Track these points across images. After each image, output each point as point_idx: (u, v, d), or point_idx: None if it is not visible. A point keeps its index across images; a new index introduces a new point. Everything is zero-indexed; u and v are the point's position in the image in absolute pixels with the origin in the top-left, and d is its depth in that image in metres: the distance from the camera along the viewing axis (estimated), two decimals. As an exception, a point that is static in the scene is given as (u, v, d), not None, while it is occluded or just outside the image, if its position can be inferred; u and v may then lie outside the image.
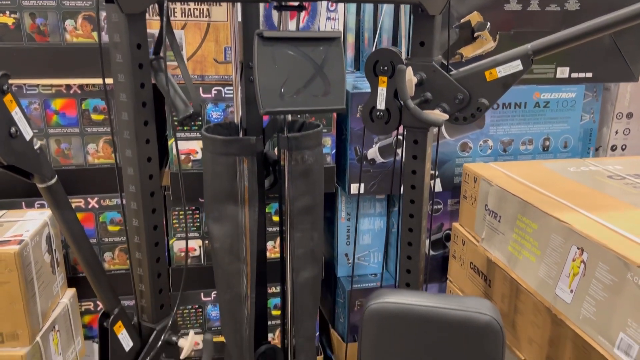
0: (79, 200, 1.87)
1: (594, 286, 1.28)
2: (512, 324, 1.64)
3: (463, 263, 1.94)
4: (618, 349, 1.19)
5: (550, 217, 1.45)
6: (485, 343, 0.98)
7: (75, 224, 0.96)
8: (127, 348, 1.11)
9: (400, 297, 1.03)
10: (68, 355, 1.67)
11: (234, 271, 1.46)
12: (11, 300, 1.39)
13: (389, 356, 1.04)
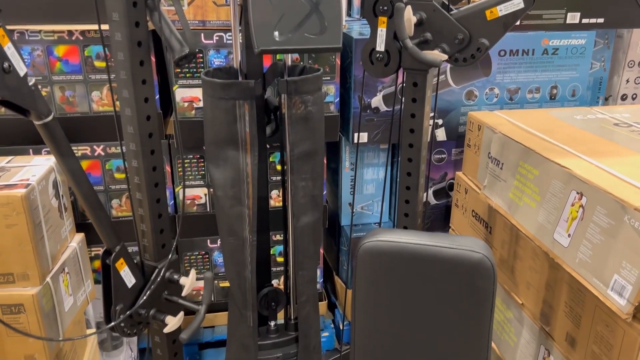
0: (85, 148, 1.89)
1: (591, 230, 1.29)
2: (511, 269, 1.66)
3: (465, 211, 1.95)
4: (612, 291, 1.21)
5: (552, 163, 1.44)
6: (476, 280, 1.00)
7: (73, 161, 0.97)
8: (129, 285, 1.15)
9: (394, 235, 1.05)
10: (78, 297, 1.73)
11: (236, 215, 1.48)
12: (20, 242, 1.43)
13: (382, 293, 1.06)
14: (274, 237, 2.20)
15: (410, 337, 1.09)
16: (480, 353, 1.07)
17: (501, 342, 1.74)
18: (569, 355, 1.39)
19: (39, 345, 1.50)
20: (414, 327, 1.08)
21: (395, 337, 1.10)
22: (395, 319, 1.08)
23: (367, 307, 1.10)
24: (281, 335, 1.67)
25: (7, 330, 1.48)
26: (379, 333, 1.11)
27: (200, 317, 1.14)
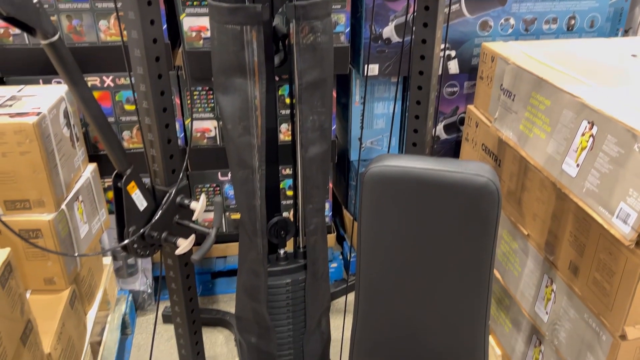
0: (95, 79, 1.89)
1: (600, 159, 1.28)
2: (518, 201, 1.67)
3: (475, 145, 1.95)
4: (617, 218, 1.22)
5: (564, 93, 1.42)
6: (481, 204, 1.01)
7: (82, 82, 0.98)
8: (141, 208, 1.18)
9: (399, 160, 1.05)
10: (93, 225, 1.78)
11: (244, 144, 1.49)
12: (34, 169, 1.46)
13: (387, 218, 1.08)
14: (284, 171, 2.22)
15: (414, 261, 1.11)
16: (483, 278, 1.09)
17: (506, 272, 1.77)
18: (571, 282, 1.42)
19: (57, 268, 1.57)
20: (418, 252, 1.10)
21: (399, 262, 1.12)
22: (400, 243, 1.11)
23: (372, 232, 1.12)
24: (290, 262, 1.72)
25: (26, 254, 1.54)
26: (384, 257, 1.13)
27: (210, 240, 1.17)
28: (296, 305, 1.73)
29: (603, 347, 1.31)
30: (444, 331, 1.17)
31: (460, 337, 1.17)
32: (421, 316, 1.17)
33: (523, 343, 1.69)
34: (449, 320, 1.15)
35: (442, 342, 1.18)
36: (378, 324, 1.21)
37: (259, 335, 1.73)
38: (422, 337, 1.18)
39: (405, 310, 1.17)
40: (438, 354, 1.19)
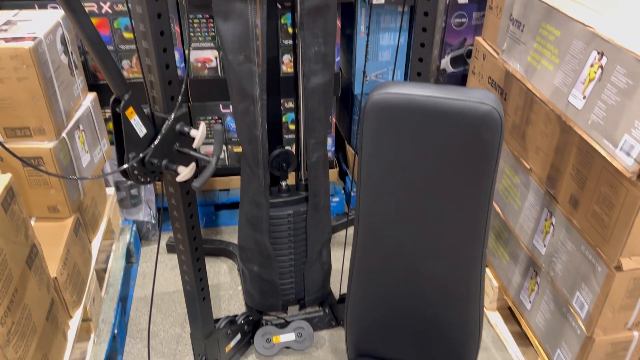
0: (92, 5, 1.84)
1: (607, 91, 1.26)
2: (522, 135, 1.65)
3: (482, 78, 1.91)
4: (620, 151, 1.21)
5: (575, 22, 1.37)
6: (484, 133, 1.00)
7: (78, 6, 0.94)
8: (141, 134, 1.17)
9: (402, 88, 1.03)
10: (95, 155, 1.78)
11: (245, 73, 1.46)
12: (33, 95, 1.44)
13: (388, 146, 1.07)
14: (286, 104, 2.19)
15: (414, 190, 1.11)
16: (482, 208, 1.09)
17: (506, 206, 1.78)
18: (571, 216, 1.43)
19: (61, 196, 1.58)
20: (418, 181, 1.10)
21: (398, 191, 1.12)
22: (400, 172, 1.10)
23: (372, 160, 1.11)
24: (292, 194, 1.73)
25: (29, 182, 1.55)
26: (383, 186, 1.13)
27: (211, 168, 1.17)
28: (297, 236, 1.76)
29: (598, 278, 1.33)
30: (442, 262, 1.18)
31: (458, 268, 1.18)
32: (419, 246, 1.18)
33: (520, 275, 1.73)
34: (447, 251, 1.17)
35: (439, 272, 1.19)
36: (377, 254, 1.23)
37: (261, 264, 1.77)
38: (420, 267, 1.20)
39: (403, 240, 1.18)
40: (435, 283, 1.21)
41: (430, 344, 1.29)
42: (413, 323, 1.28)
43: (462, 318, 1.23)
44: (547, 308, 1.58)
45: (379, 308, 1.29)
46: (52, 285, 1.38)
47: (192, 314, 1.53)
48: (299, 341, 1.81)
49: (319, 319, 1.89)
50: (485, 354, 1.80)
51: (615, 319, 1.35)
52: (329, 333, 1.89)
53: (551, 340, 1.56)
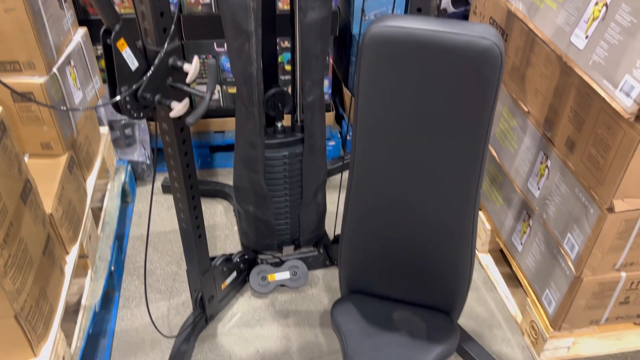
0: None
1: (611, 30, 1.23)
2: (521, 77, 1.63)
3: (483, 18, 1.86)
4: (620, 91, 1.19)
5: (582, -42, 1.32)
6: (483, 68, 0.98)
7: None
8: (132, 67, 1.14)
9: (402, 21, 1.00)
10: (87, 92, 1.75)
11: (240, 5, 1.42)
12: (21, 28, 1.40)
13: (386, 80, 1.05)
14: (282, 44, 2.14)
15: (410, 128, 1.10)
16: (478, 147, 1.08)
17: (502, 149, 1.78)
18: (566, 158, 1.43)
19: (53, 133, 1.56)
20: (415, 119, 1.08)
21: (395, 128, 1.11)
22: (397, 110, 1.09)
23: (369, 97, 1.09)
24: (287, 135, 1.72)
25: (21, 118, 1.53)
26: (380, 125, 1.12)
27: (205, 103, 1.15)
28: (293, 178, 1.76)
29: (590, 219, 1.34)
30: (436, 202, 1.18)
31: (452, 209, 1.19)
32: (414, 187, 1.18)
33: (512, 218, 1.74)
34: (442, 192, 1.17)
35: (433, 213, 1.20)
36: (372, 192, 1.23)
37: (256, 204, 1.78)
38: (414, 207, 1.21)
39: (398, 181, 1.18)
40: (429, 224, 1.22)
41: (421, 282, 1.31)
42: (405, 262, 1.30)
43: (454, 258, 1.25)
44: (538, 250, 1.60)
45: (372, 247, 1.31)
46: (47, 221, 1.39)
47: (188, 251, 1.54)
48: (293, 279, 1.84)
49: (313, 258, 1.92)
50: (475, 294, 1.84)
51: (604, 259, 1.37)
52: (323, 272, 1.92)
53: (540, 281, 1.59)
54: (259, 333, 1.69)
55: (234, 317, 1.75)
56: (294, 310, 1.78)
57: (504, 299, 1.81)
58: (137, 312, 1.74)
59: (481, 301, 1.81)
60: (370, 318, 1.31)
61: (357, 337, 1.26)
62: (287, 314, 1.76)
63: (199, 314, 1.66)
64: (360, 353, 1.22)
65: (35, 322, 1.24)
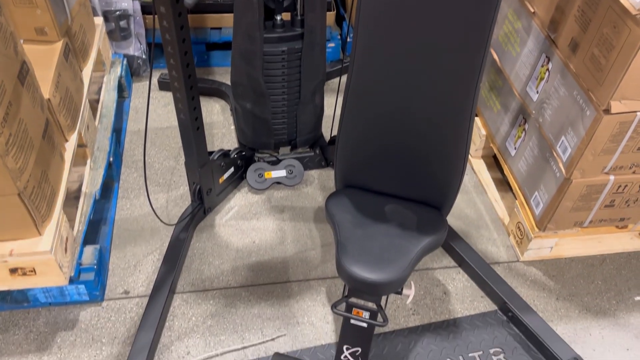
0: None
1: None
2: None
3: None
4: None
5: None
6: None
7: None
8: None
9: None
10: (81, -23, 1.69)
11: None
12: None
13: None
14: None
15: (412, 32, 1.08)
16: (479, 48, 1.07)
17: (504, 53, 1.76)
18: (568, 60, 1.42)
19: (47, 18, 1.52)
20: (417, 21, 1.06)
21: (397, 32, 1.09)
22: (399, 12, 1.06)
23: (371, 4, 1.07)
24: (287, 30, 1.68)
25: (14, 0, 1.48)
26: (382, 26, 1.10)
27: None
28: (291, 75, 1.74)
29: (585, 121, 1.36)
30: (433, 104, 1.18)
31: (448, 113, 1.19)
32: (413, 88, 1.17)
33: (508, 123, 1.76)
34: (440, 94, 1.16)
35: (430, 114, 1.21)
36: (368, 98, 1.23)
37: (254, 101, 1.77)
38: (411, 108, 1.21)
39: (398, 81, 1.17)
40: (425, 125, 1.23)
41: (414, 178, 1.34)
42: (400, 160, 1.32)
43: (447, 157, 1.27)
44: (531, 154, 1.63)
45: (368, 144, 1.32)
46: (45, 106, 1.39)
47: (186, 143, 1.56)
48: (289, 177, 1.88)
49: (309, 159, 1.94)
50: (465, 196, 1.89)
51: (595, 162, 1.40)
52: (319, 172, 1.96)
53: (530, 184, 1.64)
54: (255, 225, 1.75)
55: (232, 210, 1.80)
56: (289, 206, 1.83)
57: (493, 202, 1.86)
58: (137, 202, 1.78)
59: (471, 204, 1.87)
60: (363, 210, 1.35)
61: (349, 226, 1.31)
62: (282, 209, 1.82)
63: (197, 205, 1.71)
64: (352, 241, 1.27)
65: (39, 202, 1.28)
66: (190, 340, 1.45)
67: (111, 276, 1.59)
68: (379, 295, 1.26)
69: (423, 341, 1.49)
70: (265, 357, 1.43)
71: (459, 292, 1.61)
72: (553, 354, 1.43)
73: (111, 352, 1.42)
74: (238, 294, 1.57)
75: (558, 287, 1.64)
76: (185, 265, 1.63)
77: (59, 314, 1.49)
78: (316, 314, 1.53)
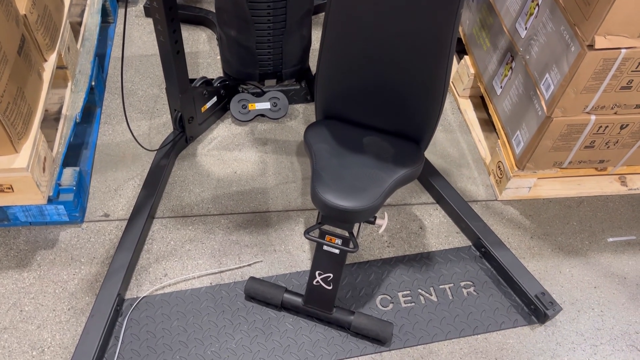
0: None
1: None
2: None
3: None
4: None
5: None
6: None
7: None
8: None
9: None
10: None
11: None
12: None
13: None
14: None
15: None
16: None
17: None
18: None
19: None
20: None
21: None
22: None
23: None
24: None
25: None
26: None
27: None
28: (277, 2, 1.70)
29: (569, 58, 1.34)
30: (412, 47, 1.17)
31: (427, 52, 1.17)
32: (390, 34, 1.16)
33: (497, 61, 1.73)
34: (418, 30, 1.14)
35: (408, 55, 1.19)
36: (347, 31, 1.21)
37: (238, 28, 1.74)
38: (389, 51, 1.20)
39: (375, 25, 1.15)
40: (403, 64, 1.21)
41: (393, 111, 1.34)
42: (379, 93, 1.31)
43: (426, 91, 1.26)
44: (515, 92, 1.61)
45: (347, 76, 1.31)
46: (21, 21, 1.36)
47: (166, 67, 1.54)
48: (273, 110, 1.87)
49: (294, 92, 1.93)
50: (449, 135, 1.89)
51: (577, 100, 1.39)
52: (304, 107, 1.94)
53: (513, 123, 1.63)
54: (237, 156, 1.76)
55: (214, 140, 1.80)
56: (272, 139, 1.83)
57: (476, 142, 1.86)
58: (119, 128, 1.78)
59: (454, 143, 1.87)
60: (341, 140, 1.35)
61: (326, 155, 1.31)
62: (265, 142, 1.81)
63: (179, 133, 1.70)
64: (328, 169, 1.28)
65: (14, 118, 1.27)
66: (168, 263, 1.48)
67: (92, 199, 1.60)
68: (351, 223, 1.28)
69: (396, 272, 1.52)
70: (241, 281, 1.47)
71: (435, 227, 1.64)
72: (521, 288, 1.46)
73: (89, 271, 1.45)
74: (217, 221, 1.59)
75: (534, 226, 1.66)
76: (165, 191, 1.64)
77: (39, 233, 1.51)
78: (293, 243, 1.56)
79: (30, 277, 1.42)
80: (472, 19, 1.91)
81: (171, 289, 1.44)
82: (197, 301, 1.42)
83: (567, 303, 1.50)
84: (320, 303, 1.37)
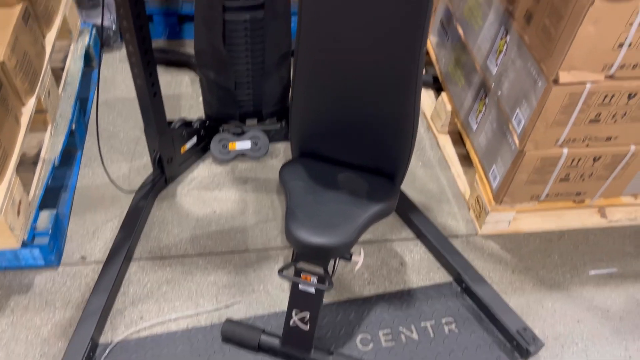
0: None
1: None
2: (493, -52, 1.57)
3: None
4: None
5: None
6: None
7: None
8: None
9: None
10: (43, -58, 1.67)
11: None
12: None
13: None
14: None
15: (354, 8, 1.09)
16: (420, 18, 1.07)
17: (468, 27, 1.76)
18: (524, 31, 1.42)
19: (5, -21, 1.51)
20: None
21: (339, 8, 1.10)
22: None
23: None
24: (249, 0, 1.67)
25: (-31, -39, 1.47)
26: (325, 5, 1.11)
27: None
28: (255, 45, 1.73)
29: (537, 93, 1.36)
30: (379, 76, 1.19)
31: (395, 84, 1.19)
32: (358, 61, 1.18)
33: (471, 97, 1.76)
34: (384, 66, 1.17)
35: (377, 81, 1.21)
36: (316, 68, 1.23)
37: (217, 70, 1.77)
38: (359, 82, 1.22)
39: (342, 54, 1.18)
40: (372, 93, 1.23)
41: (367, 145, 1.35)
42: (352, 129, 1.33)
43: (397, 125, 1.27)
44: (490, 127, 1.63)
45: (320, 113, 1.33)
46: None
47: (144, 109, 1.56)
48: (254, 149, 1.88)
49: (275, 131, 1.94)
50: (429, 171, 1.90)
51: (547, 134, 1.41)
52: (285, 145, 1.96)
53: (489, 157, 1.64)
54: (217, 196, 1.76)
55: (194, 180, 1.80)
56: (253, 178, 1.83)
57: (456, 177, 1.87)
58: (99, 171, 1.78)
59: (434, 178, 1.88)
60: (316, 177, 1.36)
61: (301, 192, 1.32)
62: (245, 181, 1.82)
63: (158, 174, 1.71)
64: (302, 206, 1.28)
65: (-12, 162, 1.28)
66: (144, 306, 1.46)
67: (69, 242, 1.59)
68: (325, 259, 1.27)
69: (376, 310, 1.50)
70: (218, 323, 1.44)
71: (416, 263, 1.62)
72: (503, 325, 1.44)
73: (64, 315, 1.42)
74: (195, 262, 1.58)
75: (515, 260, 1.65)
76: (144, 233, 1.63)
77: (13, 278, 1.49)
78: (272, 282, 1.55)
79: (3, 323, 1.40)
80: (448, 57, 1.95)
81: (147, 333, 1.41)
82: (173, 345, 1.39)
83: (550, 338, 1.47)
84: (298, 344, 1.35)
